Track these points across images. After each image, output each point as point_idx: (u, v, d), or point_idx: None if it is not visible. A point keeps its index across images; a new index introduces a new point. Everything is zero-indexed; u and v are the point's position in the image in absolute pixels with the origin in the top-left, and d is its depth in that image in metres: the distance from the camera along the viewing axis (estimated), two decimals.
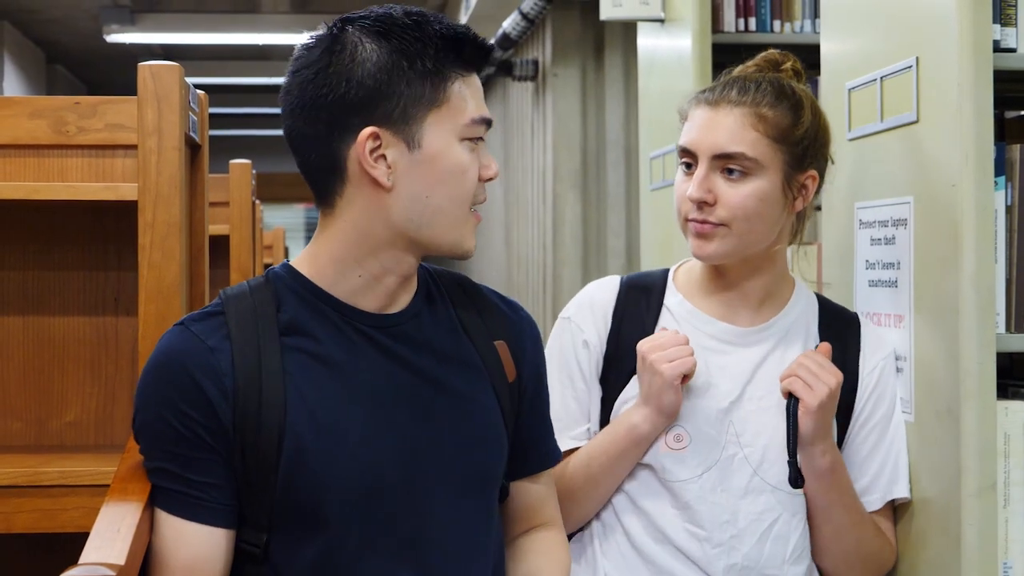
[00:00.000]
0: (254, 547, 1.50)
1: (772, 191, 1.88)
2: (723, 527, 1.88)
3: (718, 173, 1.88)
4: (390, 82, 1.48)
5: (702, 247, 1.90)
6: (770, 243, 1.93)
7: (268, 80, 11.29)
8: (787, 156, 1.89)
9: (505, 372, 1.65)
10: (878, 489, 1.96)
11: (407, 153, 1.50)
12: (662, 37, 3.49)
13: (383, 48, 1.49)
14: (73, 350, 2.31)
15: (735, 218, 1.87)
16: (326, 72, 1.51)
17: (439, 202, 1.52)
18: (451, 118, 1.51)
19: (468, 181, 1.53)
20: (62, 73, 11.58)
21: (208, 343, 1.49)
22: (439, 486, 1.55)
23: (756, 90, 1.90)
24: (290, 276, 1.56)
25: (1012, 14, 1.91)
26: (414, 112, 1.49)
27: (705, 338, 1.95)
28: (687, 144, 1.92)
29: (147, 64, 2.02)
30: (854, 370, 1.97)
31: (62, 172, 2.27)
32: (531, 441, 1.71)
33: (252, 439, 1.47)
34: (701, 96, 1.94)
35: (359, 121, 1.50)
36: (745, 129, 1.87)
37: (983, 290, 1.84)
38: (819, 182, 1.95)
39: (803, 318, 1.98)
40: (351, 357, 1.53)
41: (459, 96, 1.51)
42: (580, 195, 6.14)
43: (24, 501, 1.99)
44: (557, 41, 6.20)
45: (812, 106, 1.93)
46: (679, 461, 1.90)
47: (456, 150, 1.51)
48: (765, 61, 2.00)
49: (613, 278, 2.06)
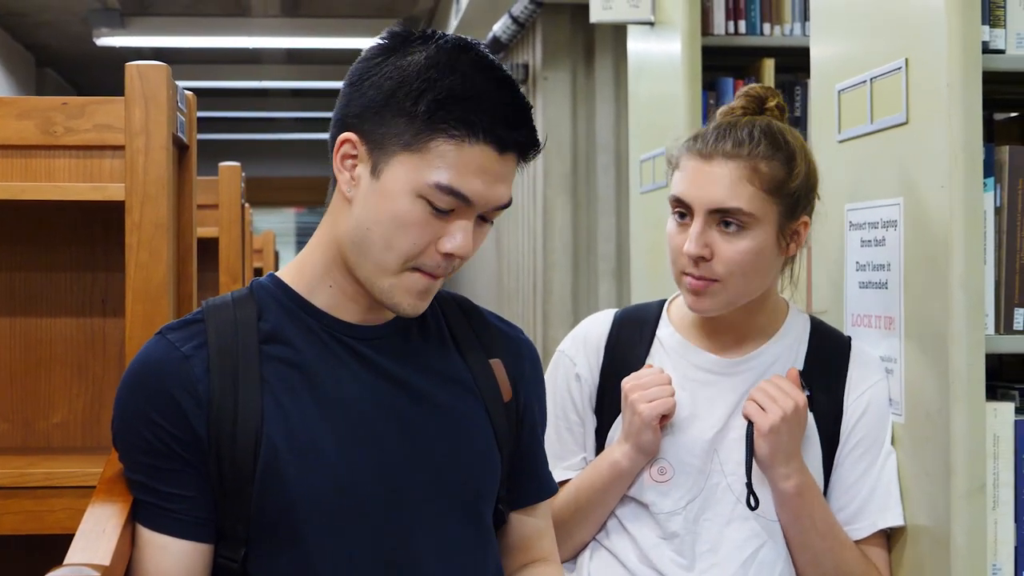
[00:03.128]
0: (231, 561, 1.47)
1: (767, 243, 1.89)
2: (705, 556, 1.89)
3: (714, 227, 1.88)
4: (387, 104, 1.44)
5: (698, 303, 1.92)
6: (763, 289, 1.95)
7: (259, 84, 11.30)
8: (782, 207, 1.89)
9: (500, 391, 1.61)
10: (866, 517, 1.94)
11: (369, 176, 1.46)
12: (652, 40, 3.49)
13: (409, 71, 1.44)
14: (60, 351, 2.30)
15: (731, 274, 1.88)
16: (375, 62, 1.48)
17: (374, 239, 1.45)
18: (416, 169, 1.43)
19: (406, 237, 1.44)
20: (52, 77, 11.56)
21: (182, 350, 1.47)
22: (422, 503, 1.51)
23: (750, 142, 1.88)
24: (274, 285, 1.55)
25: (1001, 16, 1.92)
26: (390, 143, 1.44)
27: (693, 369, 1.96)
28: (682, 196, 1.91)
29: (134, 64, 2.02)
30: (839, 398, 1.96)
31: (50, 172, 2.26)
32: (528, 470, 1.68)
33: (228, 446, 1.44)
34: (693, 146, 1.93)
35: (353, 122, 1.48)
36: (741, 184, 1.87)
37: (972, 292, 1.84)
38: (809, 227, 1.96)
39: (792, 346, 1.98)
40: (330, 367, 1.50)
41: (438, 155, 1.42)
42: (570, 199, 6.14)
43: (10, 503, 1.98)
44: (547, 45, 6.20)
45: (804, 153, 1.93)
46: (663, 494, 1.92)
47: (404, 200, 1.43)
48: (749, 99, 1.98)
49: (608, 312, 2.09)
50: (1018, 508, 1.87)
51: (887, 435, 1.97)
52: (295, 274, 1.55)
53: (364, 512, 1.48)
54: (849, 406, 1.96)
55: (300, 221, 16.06)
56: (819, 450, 1.93)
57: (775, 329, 1.99)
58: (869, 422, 1.96)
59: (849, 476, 1.95)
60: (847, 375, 1.98)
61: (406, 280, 1.47)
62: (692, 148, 1.93)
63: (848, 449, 1.95)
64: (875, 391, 1.98)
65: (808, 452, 1.92)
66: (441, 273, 1.48)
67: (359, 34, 8.91)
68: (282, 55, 10.70)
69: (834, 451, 1.95)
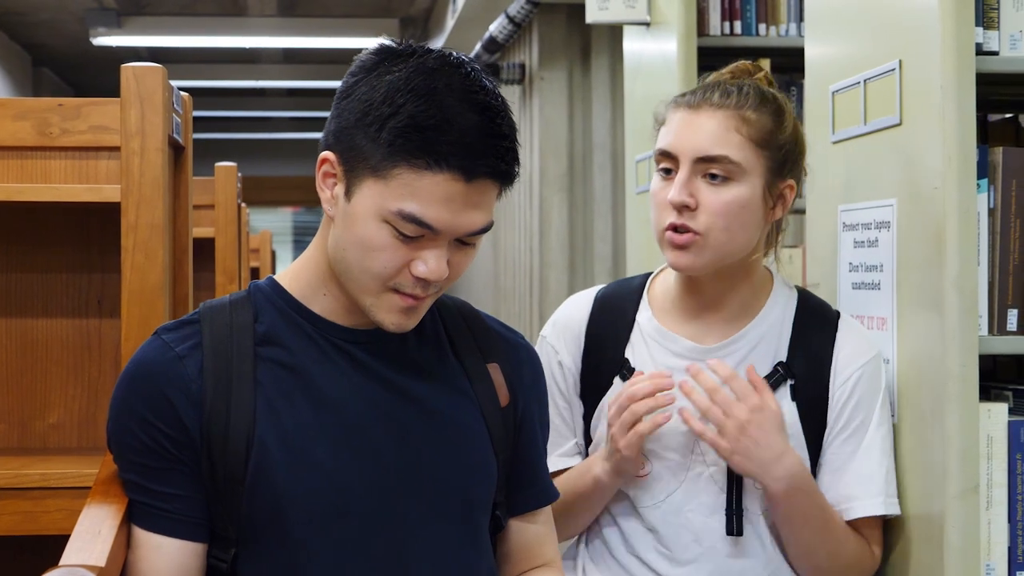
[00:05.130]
0: (222, 562, 1.47)
1: (753, 198, 1.86)
2: (688, 547, 1.88)
3: (699, 177, 1.86)
4: (356, 126, 1.42)
5: (680, 258, 1.87)
6: (747, 253, 1.90)
7: (255, 83, 11.29)
8: (769, 162, 1.87)
9: (497, 396, 1.59)
10: (860, 497, 1.90)
11: (343, 197, 1.45)
12: (648, 40, 3.50)
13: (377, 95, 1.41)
14: (56, 352, 2.30)
15: (715, 226, 1.84)
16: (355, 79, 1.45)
17: (349, 260, 1.45)
18: (380, 195, 1.40)
19: (375, 261, 1.43)
20: (48, 76, 11.56)
21: (177, 350, 1.47)
22: (414, 507, 1.50)
23: (739, 93, 1.88)
24: (271, 288, 1.55)
25: (994, 17, 1.92)
26: (360, 166, 1.42)
27: (671, 357, 1.93)
28: (667, 147, 1.89)
29: (130, 66, 2.02)
30: (825, 382, 1.92)
31: (45, 174, 2.27)
32: (527, 475, 1.65)
33: (220, 446, 1.44)
34: (681, 100, 1.91)
35: (332, 141, 1.46)
36: (729, 132, 1.85)
37: (966, 292, 1.85)
38: (795, 193, 1.93)
39: (777, 326, 1.94)
40: (325, 370, 1.50)
41: (401, 183, 1.39)
42: (567, 199, 6.15)
43: (6, 503, 1.98)
44: (544, 45, 6.21)
45: (792, 116, 1.92)
46: (643, 488, 1.91)
47: (371, 225, 1.41)
48: (738, 70, 1.97)
49: (589, 293, 2.04)
50: (1011, 508, 1.87)
51: (880, 414, 1.92)
52: (292, 279, 1.55)
53: (354, 515, 1.47)
54: (836, 389, 1.91)
55: (297, 220, 16.06)
56: (803, 437, 1.90)
57: (759, 307, 1.94)
58: (859, 402, 1.91)
59: (840, 459, 1.91)
60: (833, 357, 1.92)
61: (386, 300, 1.46)
62: (679, 101, 1.91)
63: (837, 431, 1.91)
64: (864, 371, 1.92)
65: (792, 440, 1.87)
66: (420, 294, 1.46)
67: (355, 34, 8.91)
68: (278, 55, 10.70)
69: (822, 434, 1.91)
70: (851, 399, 1.91)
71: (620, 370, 1.95)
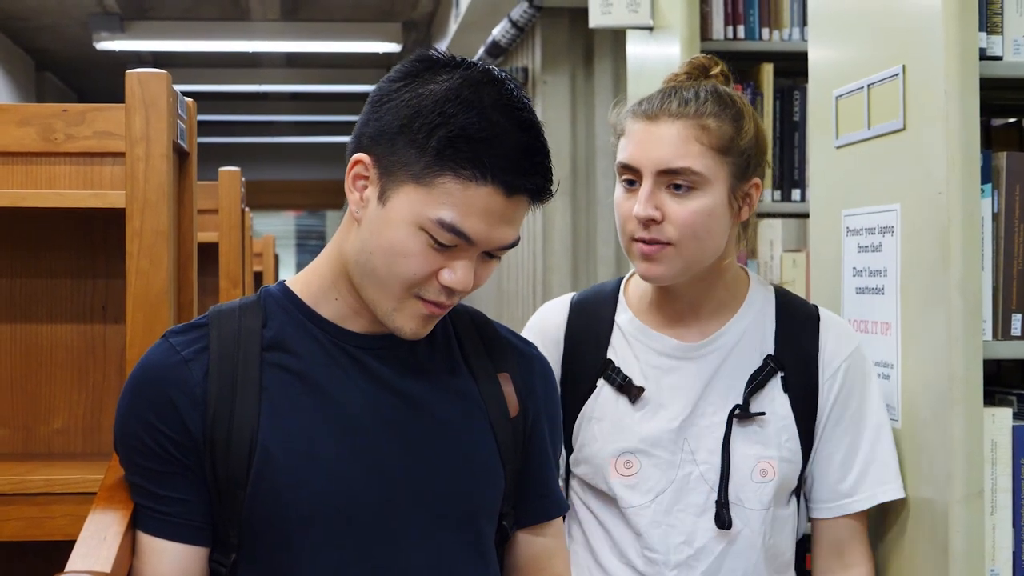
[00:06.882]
0: (222, 567, 1.47)
1: (719, 205, 1.84)
2: (678, 548, 1.86)
3: (664, 189, 1.84)
4: (400, 132, 1.42)
5: (651, 269, 1.86)
6: (718, 257, 1.90)
7: (258, 87, 11.30)
8: (732, 167, 1.85)
9: (507, 405, 1.58)
10: (862, 491, 1.91)
11: (376, 200, 1.45)
12: (651, 45, 3.50)
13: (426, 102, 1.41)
14: (61, 357, 2.30)
15: (683, 236, 1.83)
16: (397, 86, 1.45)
17: (376, 264, 1.44)
18: (421, 202, 1.41)
19: (405, 266, 1.43)
20: (52, 81, 11.57)
21: (183, 354, 1.47)
22: (417, 515, 1.49)
23: (696, 100, 1.85)
24: (281, 293, 1.55)
25: (998, 22, 1.92)
26: (399, 172, 1.43)
27: (655, 356, 1.92)
28: (628, 161, 1.87)
29: (135, 71, 2.02)
30: (814, 375, 1.91)
31: (50, 179, 2.27)
32: (536, 487, 1.63)
33: (223, 450, 1.44)
34: (638, 109, 1.89)
35: (368, 144, 1.46)
36: (689, 142, 1.82)
37: (970, 297, 1.85)
38: (761, 189, 1.92)
39: (757, 323, 1.93)
40: (332, 376, 1.50)
41: (444, 192, 1.40)
42: (570, 202, 6.15)
43: (11, 509, 1.98)
44: (547, 49, 6.21)
45: (751, 115, 1.89)
46: (630, 487, 1.89)
47: (405, 231, 1.42)
48: (693, 67, 1.95)
49: (563, 300, 2.04)
50: (1016, 513, 1.87)
51: (872, 404, 1.93)
52: (303, 283, 1.55)
53: (356, 522, 1.47)
54: (825, 382, 1.91)
55: (300, 224, 16.06)
56: (795, 431, 1.89)
57: (737, 305, 1.93)
58: (848, 395, 1.91)
59: (836, 451, 1.91)
60: (820, 349, 1.92)
61: (408, 306, 1.47)
62: (637, 111, 1.89)
63: (832, 422, 1.91)
64: (851, 362, 1.92)
65: (783, 435, 1.88)
66: (444, 302, 1.47)
67: (358, 38, 8.93)
68: (281, 59, 10.71)
69: (813, 429, 1.91)
70: (842, 390, 1.92)
71: (604, 371, 1.94)
